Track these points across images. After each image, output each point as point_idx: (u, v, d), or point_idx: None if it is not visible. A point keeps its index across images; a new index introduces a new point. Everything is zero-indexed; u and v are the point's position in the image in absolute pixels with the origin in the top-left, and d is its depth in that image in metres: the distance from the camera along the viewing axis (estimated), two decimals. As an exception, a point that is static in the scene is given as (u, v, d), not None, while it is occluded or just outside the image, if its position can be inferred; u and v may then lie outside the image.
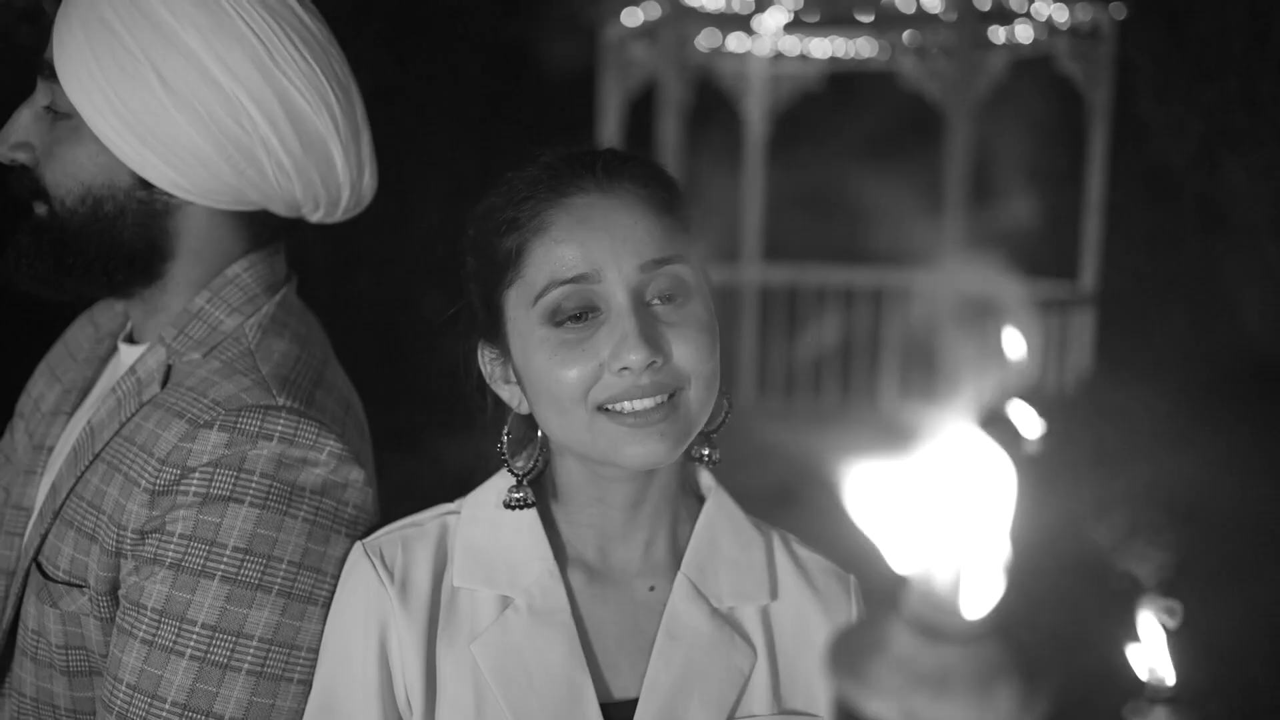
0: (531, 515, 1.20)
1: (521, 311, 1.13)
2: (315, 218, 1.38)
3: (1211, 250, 5.19)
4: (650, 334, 1.08)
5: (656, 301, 1.11)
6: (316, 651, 1.18)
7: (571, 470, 1.19)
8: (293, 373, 1.27)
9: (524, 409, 1.19)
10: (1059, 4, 6.36)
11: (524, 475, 1.19)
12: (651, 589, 1.21)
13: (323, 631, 1.19)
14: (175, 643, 1.14)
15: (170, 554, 1.16)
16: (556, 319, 1.10)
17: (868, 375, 7.85)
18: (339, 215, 1.39)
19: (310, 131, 1.27)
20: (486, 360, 1.21)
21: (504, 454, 1.20)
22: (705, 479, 1.28)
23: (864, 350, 7.84)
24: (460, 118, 7.16)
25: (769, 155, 8.02)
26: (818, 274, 7.79)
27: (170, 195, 1.28)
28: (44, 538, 1.26)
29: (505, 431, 1.20)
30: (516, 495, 1.18)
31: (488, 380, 1.22)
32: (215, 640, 1.14)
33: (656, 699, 1.15)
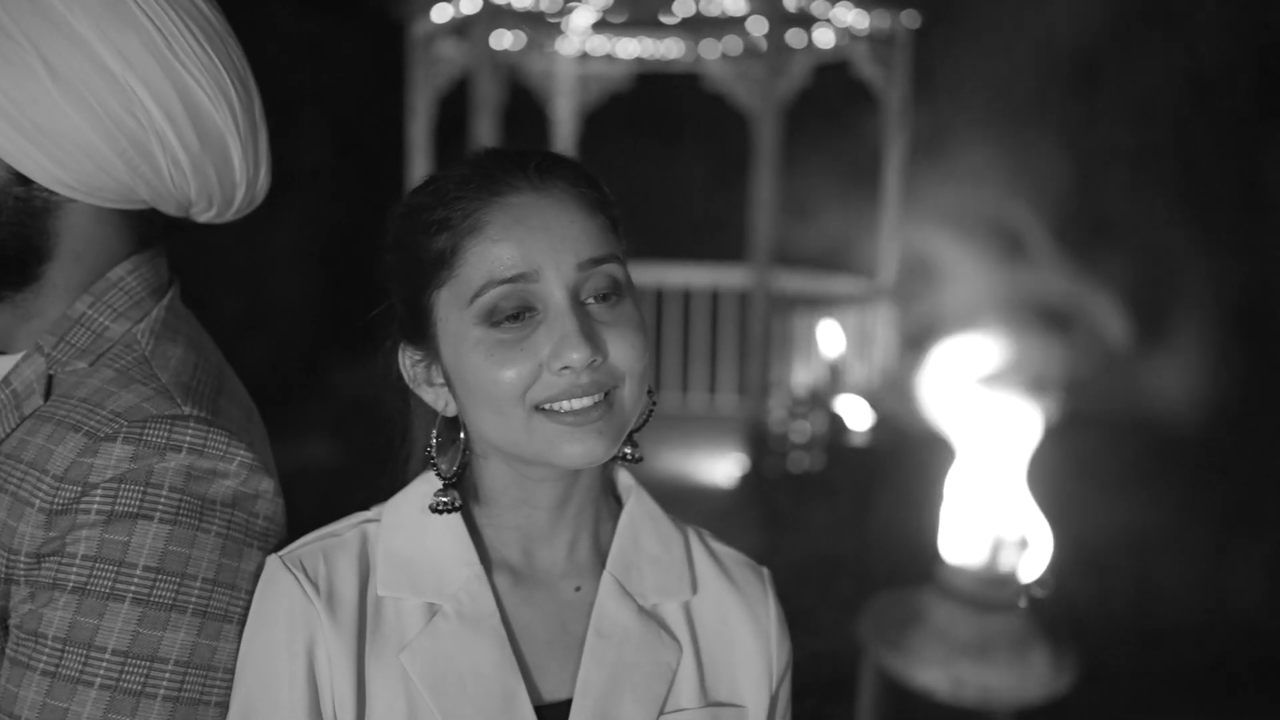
0: (456, 519, 1.18)
1: (454, 312, 1.10)
2: (204, 218, 1.31)
3: (1002, 248, 5.50)
4: (590, 333, 1.08)
5: (591, 301, 1.10)
6: (233, 672, 1.13)
7: (496, 472, 1.17)
8: (193, 380, 1.20)
9: (450, 411, 1.17)
10: (858, 11, 6.61)
11: (449, 479, 1.17)
12: (577, 589, 1.20)
13: (238, 650, 1.13)
14: (82, 672, 1.07)
15: (73, 577, 1.08)
16: (494, 319, 1.08)
17: (677, 372, 7.99)
18: (230, 215, 1.32)
19: (209, 127, 1.21)
20: (408, 363, 1.18)
21: (432, 457, 1.17)
22: (624, 478, 1.29)
23: (674, 348, 7.98)
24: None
25: (579, 155, 8.05)
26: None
27: (51, 192, 1.19)
28: None
29: (434, 435, 1.18)
30: (444, 499, 1.16)
31: (409, 383, 1.19)
32: (128, 667, 1.08)
33: (590, 698, 1.15)
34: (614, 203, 1.17)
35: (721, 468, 6.61)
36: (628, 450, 1.23)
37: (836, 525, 4.85)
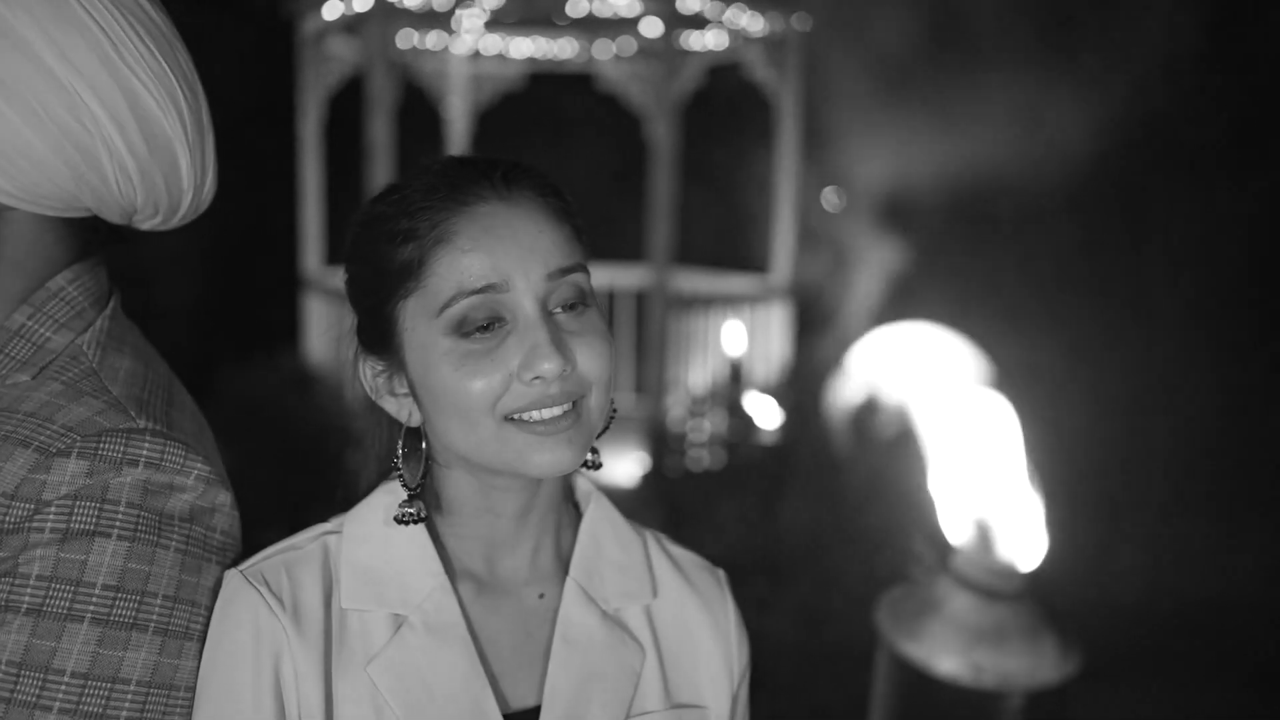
0: (420, 530, 1.17)
1: (422, 323, 1.09)
2: (148, 225, 1.28)
3: (897, 247, 5.63)
4: (560, 343, 1.08)
5: (559, 310, 1.11)
6: (194, 690, 1.10)
7: (459, 482, 1.17)
8: (144, 392, 1.17)
9: (414, 421, 1.16)
10: (751, 13, 6.68)
11: (414, 489, 1.16)
12: (541, 596, 1.21)
13: (198, 668, 1.11)
14: (40, 697, 1.03)
15: (27, 599, 1.05)
16: (464, 330, 1.08)
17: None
18: (175, 222, 1.29)
19: (157, 133, 1.17)
20: (369, 373, 1.17)
21: (399, 468, 1.16)
22: (583, 484, 1.30)
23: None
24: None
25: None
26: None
27: None
28: None
29: (400, 445, 1.17)
30: (410, 510, 1.15)
31: (370, 394, 1.17)
32: (88, 689, 1.04)
33: (558, 705, 1.15)
34: (577, 211, 1.17)
35: (622, 467, 6.63)
36: (588, 457, 1.23)
37: (743, 523, 4.91)
